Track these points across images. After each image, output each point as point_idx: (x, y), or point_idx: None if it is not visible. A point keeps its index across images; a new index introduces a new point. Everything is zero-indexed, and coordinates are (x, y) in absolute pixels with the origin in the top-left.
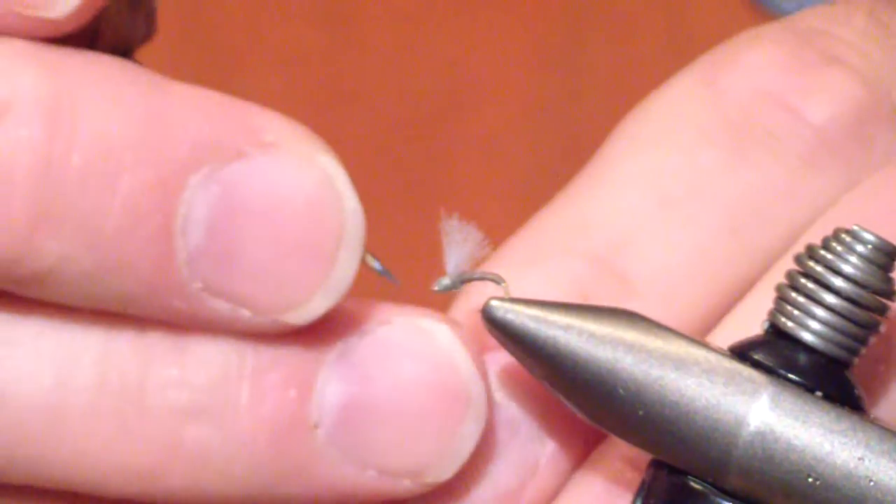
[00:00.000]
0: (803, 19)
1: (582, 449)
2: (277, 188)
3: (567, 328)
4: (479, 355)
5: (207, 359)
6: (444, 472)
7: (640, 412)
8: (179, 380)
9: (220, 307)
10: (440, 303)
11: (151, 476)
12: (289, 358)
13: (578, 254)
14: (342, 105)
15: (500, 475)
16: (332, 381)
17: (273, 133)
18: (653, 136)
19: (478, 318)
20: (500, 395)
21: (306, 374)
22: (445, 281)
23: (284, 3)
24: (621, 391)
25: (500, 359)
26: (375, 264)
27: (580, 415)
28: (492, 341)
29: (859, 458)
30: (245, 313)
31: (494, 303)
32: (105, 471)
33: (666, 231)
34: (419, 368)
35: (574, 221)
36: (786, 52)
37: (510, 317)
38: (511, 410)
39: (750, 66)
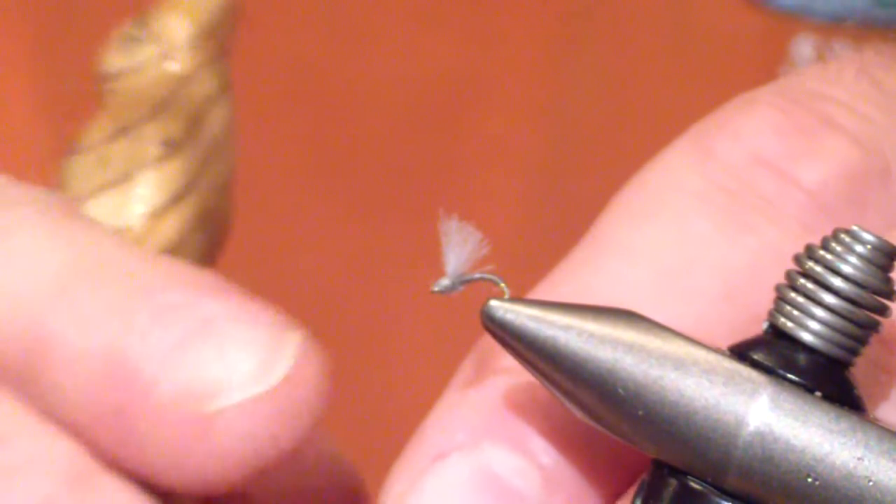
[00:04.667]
0: (796, 81)
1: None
2: None
3: (567, 328)
4: None
5: None
6: None
7: (640, 412)
8: None
9: None
10: (441, 304)
11: None
12: None
13: None
14: (345, 108)
15: None
16: None
17: None
18: (648, 205)
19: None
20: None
21: None
22: (445, 281)
23: (287, 6)
24: (621, 391)
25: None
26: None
27: (580, 415)
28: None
29: (859, 458)
30: None
31: (494, 303)
32: None
33: (662, 301)
34: None
35: (572, 294)
36: (778, 115)
37: (510, 317)
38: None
39: (743, 131)
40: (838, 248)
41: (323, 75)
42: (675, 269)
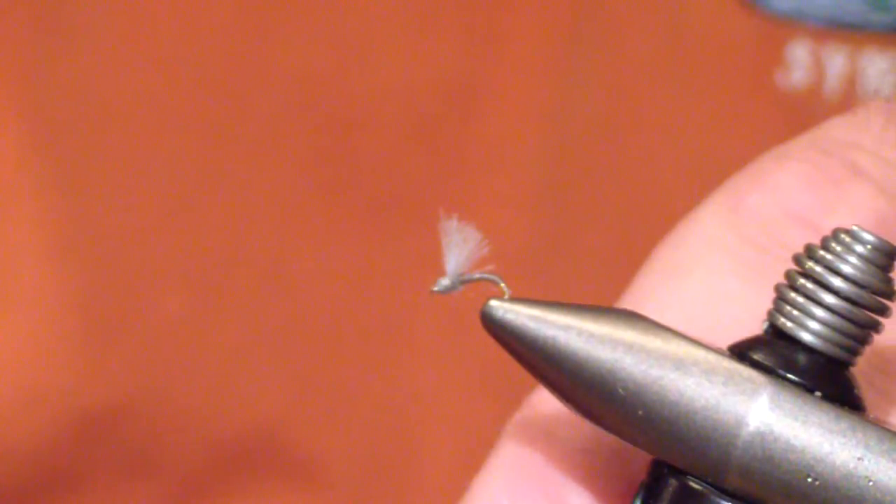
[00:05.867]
0: (826, 131)
1: None
2: None
3: (567, 328)
4: None
5: None
6: None
7: (640, 412)
8: None
9: None
10: (445, 307)
11: None
12: None
13: None
14: (348, 113)
15: None
16: None
17: None
18: (682, 262)
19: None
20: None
21: None
22: (444, 281)
23: (288, 21)
24: (621, 391)
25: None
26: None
27: (580, 415)
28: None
29: (859, 458)
30: None
31: (494, 303)
32: None
33: None
34: None
35: None
36: (808, 168)
37: (510, 317)
38: None
39: (775, 186)
40: (838, 248)
41: (325, 80)
42: (707, 326)
